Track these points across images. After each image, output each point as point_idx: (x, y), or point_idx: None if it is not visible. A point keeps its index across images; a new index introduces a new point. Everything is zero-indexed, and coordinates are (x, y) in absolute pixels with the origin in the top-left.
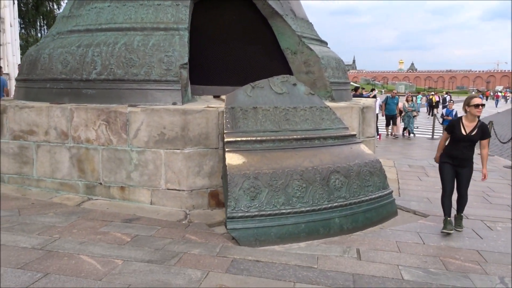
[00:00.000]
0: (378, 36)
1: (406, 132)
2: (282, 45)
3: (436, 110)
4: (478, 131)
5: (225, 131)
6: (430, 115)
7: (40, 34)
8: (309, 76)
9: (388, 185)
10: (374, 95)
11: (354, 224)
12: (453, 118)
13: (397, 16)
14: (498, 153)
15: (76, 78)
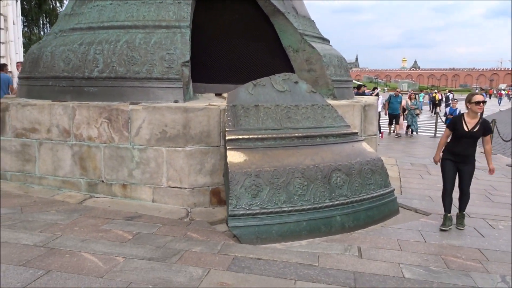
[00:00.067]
0: (381, 34)
1: (409, 130)
2: (284, 43)
3: (439, 108)
4: (480, 128)
5: (226, 129)
6: (433, 113)
7: (43, 32)
8: (311, 74)
9: (389, 183)
10: (376, 94)
11: (356, 222)
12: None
13: (400, 13)
14: (500, 151)
15: (78, 76)
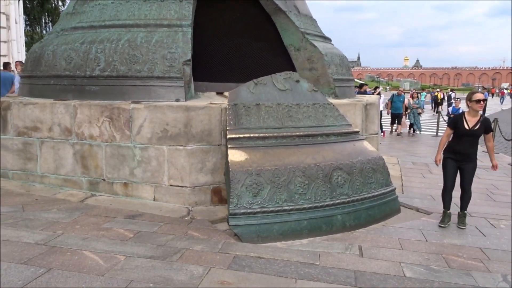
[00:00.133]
0: (383, 32)
1: (412, 129)
2: (286, 41)
3: (440, 107)
4: (481, 126)
5: (227, 128)
6: (435, 112)
7: (45, 31)
8: (312, 72)
9: (391, 182)
10: (378, 93)
11: (357, 221)
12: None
13: (402, 12)
14: (502, 150)
15: (79, 75)
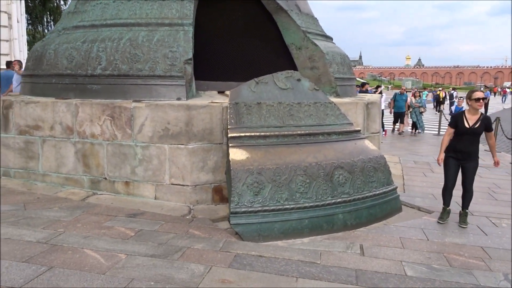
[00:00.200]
0: (384, 31)
1: (414, 129)
2: (287, 40)
3: (442, 106)
4: (481, 124)
5: (229, 127)
6: (437, 111)
7: (47, 30)
8: (313, 71)
9: (392, 181)
10: (380, 91)
11: (358, 220)
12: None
13: (404, 11)
14: (504, 149)
15: (81, 74)
